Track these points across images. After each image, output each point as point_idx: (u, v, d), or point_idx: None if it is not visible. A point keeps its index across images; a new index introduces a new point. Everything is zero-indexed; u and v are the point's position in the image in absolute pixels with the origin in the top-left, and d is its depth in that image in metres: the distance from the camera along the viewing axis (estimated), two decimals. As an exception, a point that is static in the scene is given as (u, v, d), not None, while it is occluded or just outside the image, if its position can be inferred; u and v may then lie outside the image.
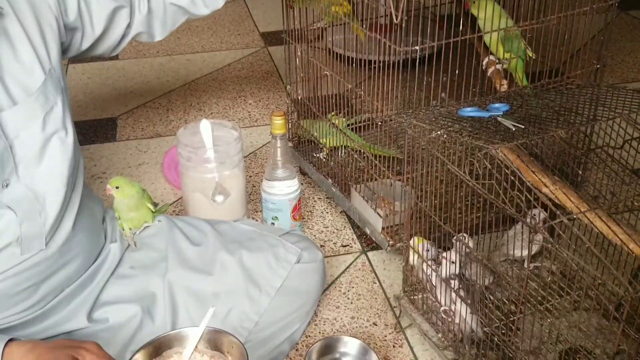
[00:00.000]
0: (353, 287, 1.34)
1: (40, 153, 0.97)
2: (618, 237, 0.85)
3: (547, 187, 0.93)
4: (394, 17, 1.16)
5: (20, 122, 0.94)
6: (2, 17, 0.94)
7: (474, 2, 1.29)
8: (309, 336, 1.21)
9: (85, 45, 1.14)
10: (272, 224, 1.40)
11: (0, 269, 0.95)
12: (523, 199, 0.88)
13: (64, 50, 1.09)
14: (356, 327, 1.24)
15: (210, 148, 1.44)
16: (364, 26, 1.35)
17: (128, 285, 1.11)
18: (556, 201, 0.91)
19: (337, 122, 1.53)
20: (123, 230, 1.18)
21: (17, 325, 1.00)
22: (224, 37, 2.64)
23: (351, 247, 1.46)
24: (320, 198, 1.63)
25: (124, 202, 1.18)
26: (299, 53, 1.57)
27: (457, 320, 1.10)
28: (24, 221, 0.95)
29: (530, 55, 1.29)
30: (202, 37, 2.64)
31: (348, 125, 1.59)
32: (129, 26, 1.20)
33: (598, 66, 1.35)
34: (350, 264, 1.41)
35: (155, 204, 1.23)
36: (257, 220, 1.51)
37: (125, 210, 1.18)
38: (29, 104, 0.95)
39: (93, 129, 1.95)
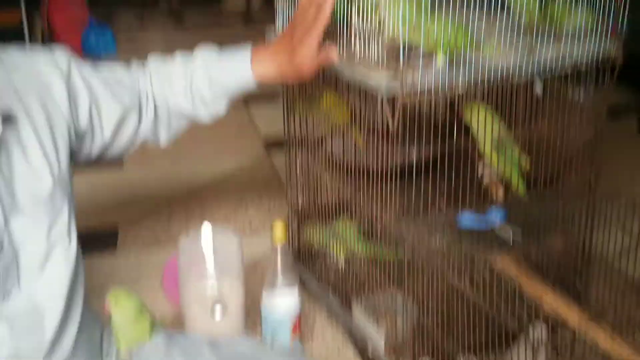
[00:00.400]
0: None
1: (44, 262, 0.97)
2: (623, 355, 0.82)
3: (548, 299, 0.92)
4: (390, 124, 1.19)
5: (27, 231, 0.94)
6: (15, 122, 0.95)
7: (467, 110, 1.32)
8: None
9: (95, 151, 1.15)
10: (271, 338, 1.37)
11: None
12: (524, 312, 0.87)
13: (72, 156, 1.10)
14: None
15: (210, 259, 1.43)
16: (362, 133, 1.38)
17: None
18: (558, 314, 0.89)
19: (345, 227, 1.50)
20: (118, 348, 1.15)
21: None
22: (227, 143, 2.69)
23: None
24: (320, 312, 1.60)
25: (122, 317, 1.15)
26: (299, 159, 1.59)
27: None
28: (21, 337, 0.93)
29: (525, 164, 1.30)
30: (205, 144, 2.69)
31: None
32: (136, 132, 1.22)
33: (592, 175, 1.36)
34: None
35: (153, 320, 1.21)
36: (256, 335, 1.47)
37: (123, 325, 1.15)
38: (36, 212, 0.95)
39: (93, 239, 1.95)
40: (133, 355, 1.16)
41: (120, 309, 1.16)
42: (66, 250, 1.00)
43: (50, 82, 1.02)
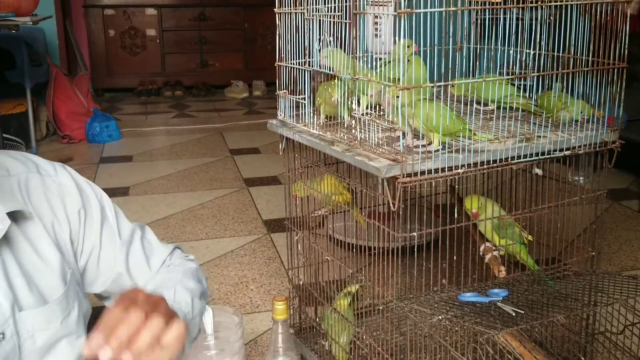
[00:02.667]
0: None
1: (47, 353, 0.96)
2: None
3: (552, 374, 0.92)
4: (391, 205, 1.22)
5: (38, 324, 0.94)
6: (26, 220, 0.96)
7: (467, 200, 1.36)
8: None
9: (91, 290, 1.10)
10: (273, 414, 1.35)
11: None
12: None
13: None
14: None
15: (210, 335, 1.43)
16: (364, 213, 1.41)
17: None
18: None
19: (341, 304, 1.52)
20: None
21: None
22: (227, 224, 2.72)
23: None
24: (322, 388, 1.58)
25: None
26: (300, 239, 1.61)
27: None
28: None
29: (528, 239, 1.34)
30: (207, 225, 2.72)
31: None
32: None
33: (593, 254, 1.39)
34: None
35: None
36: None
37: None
38: (51, 308, 0.96)
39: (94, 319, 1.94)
40: None
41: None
42: (71, 345, 1.00)
43: (68, 205, 1.01)
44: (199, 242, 2.54)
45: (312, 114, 1.48)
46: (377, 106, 1.43)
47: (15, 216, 0.94)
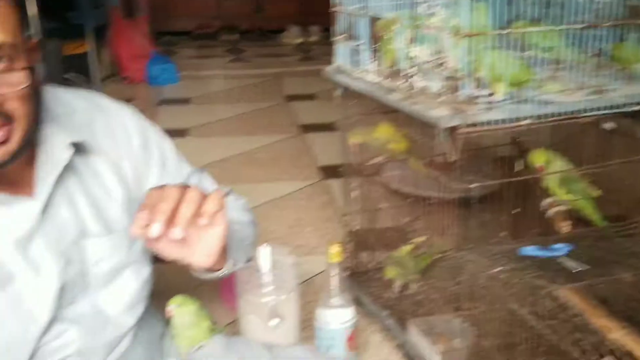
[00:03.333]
0: None
1: (112, 279, 1.01)
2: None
3: (614, 331, 0.91)
4: (449, 155, 1.20)
5: (103, 252, 0.99)
6: (91, 153, 0.99)
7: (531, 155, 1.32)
8: None
9: None
10: (326, 352, 1.39)
11: None
12: (588, 342, 0.87)
13: None
14: None
15: (267, 272, 1.47)
16: (421, 163, 1.40)
17: (181, 402, 1.10)
18: (624, 347, 0.89)
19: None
20: (179, 348, 1.19)
21: None
22: (284, 168, 2.75)
23: (406, 383, 1.42)
24: (375, 330, 1.61)
25: (183, 319, 1.19)
26: (355, 186, 1.62)
27: None
28: (86, 336, 0.98)
29: (594, 194, 1.30)
30: (265, 168, 2.75)
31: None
32: None
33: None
34: (405, 401, 1.37)
35: (213, 323, 1.24)
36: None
37: (184, 327, 1.19)
38: (116, 238, 1.00)
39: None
40: (192, 355, 1.19)
41: (182, 311, 1.19)
42: (138, 270, 1.05)
43: (132, 142, 1.04)
44: (255, 185, 2.58)
45: (369, 61, 1.46)
46: (439, 53, 1.39)
47: (80, 149, 0.97)
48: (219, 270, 0.99)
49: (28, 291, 0.91)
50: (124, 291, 1.03)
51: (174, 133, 3.33)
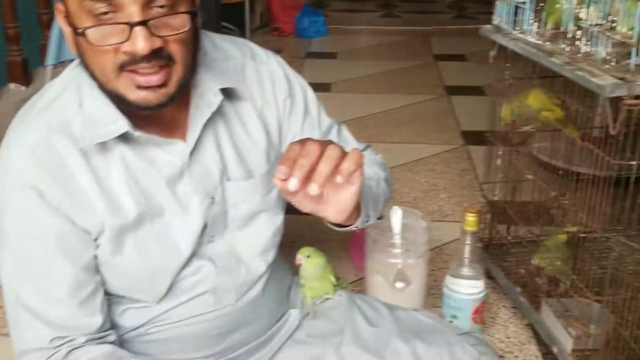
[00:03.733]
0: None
1: (248, 222, 1.04)
2: None
3: None
4: (610, 128, 1.11)
5: (242, 195, 1.02)
6: (238, 99, 1.02)
7: None
8: None
9: None
10: (451, 321, 1.36)
11: (194, 313, 1.02)
12: None
13: None
14: None
15: (397, 234, 1.45)
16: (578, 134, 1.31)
17: (302, 351, 1.12)
18: None
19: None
20: (305, 297, 1.21)
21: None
22: (423, 131, 2.69)
23: (533, 364, 1.36)
24: (505, 306, 1.55)
25: (311, 271, 1.21)
26: (500, 155, 1.55)
27: None
28: (221, 275, 1.02)
29: None
30: (403, 129, 2.71)
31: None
32: None
33: None
34: (532, 383, 1.31)
35: (337, 278, 1.25)
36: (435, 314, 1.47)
37: (310, 279, 1.21)
38: (254, 183, 1.03)
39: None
40: (316, 306, 1.21)
41: (310, 263, 1.21)
42: (272, 217, 1.08)
43: (278, 89, 1.06)
44: (393, 145, 2.55)
45: (531, 21, 1.37)
46: (610, 17, 1.27)
47: (229, 94, 1.00)
48: (350, 225, 1.00)
49: (174, 226, 0.96)
50: (257, 235, 1.06)
51: (317, 87, 3.31)
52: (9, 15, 2.68)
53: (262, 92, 1.05)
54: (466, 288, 1.34)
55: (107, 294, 0.99)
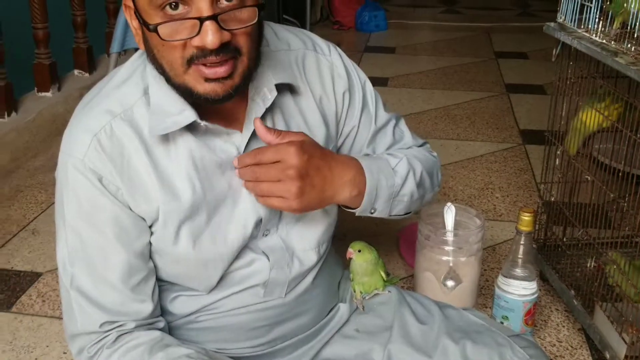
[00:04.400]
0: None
1: (303, 215, 1.04)
2: None
3: None
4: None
5: None
6: (297, 93, 1.02)
7: None
8: None
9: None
10: (501, 322, 1.34)
11: (244, 303, 1.03)
12: None
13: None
14: None
15: (450, 231, 1.44)
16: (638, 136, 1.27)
17: (350, 346, 1.13)
18: None
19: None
20: (354, 292, 1.22)
21: (247, 357, 1.07)
22: (480, 128, 2.66)
23: (584, 369, 1.34)
24: (557, 309, 1.52)
25: (361, 265, 1.21)
26: (560, 154, 1.51)
27: None
28: (273, 268, 1.03)
29: None
30: (460, 125, 2.68)
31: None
32: None
33: None
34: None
35: (387, 274, 1.25)
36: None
37: (360, 273, 1.21)
38: None
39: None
40: (366, 301, 1.22)
41: (361, 257, 1.21)
42: (327, 210, 1.08)
43: (338, 86, 1.06)
44: (449, 141, 2.52)
45: (596, 20, 1.33)
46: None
47: (289, 87, 1.01)
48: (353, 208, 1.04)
49: (229, 217, 0.98)
50: (312, 228, 1.07)
51: (375, 81, 3.28)
52: (77, 2, 2.75)
53: (322, 84, 1.05)
54: (518, 289, 1.32)
55: (159, 280, 1.00)
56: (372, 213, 1.06)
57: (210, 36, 0.81)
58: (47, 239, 1.82)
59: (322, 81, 1.05)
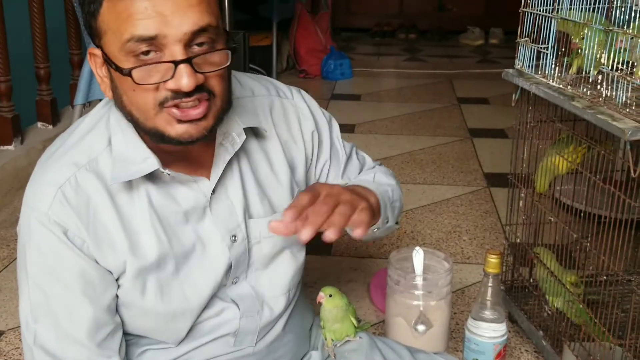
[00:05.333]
0: None
1: (271, 260, 1.05)
2: None
3: None
4: (631, 171, 1.11)
5: (265, 232, 1.02)
6: (263, 137, 1.04)
7: None
8: None
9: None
10: (473, 365, 1.34)
11: (214, 354, 1.02)
12: None
13: None
14: None
15: (420, 275, 1.45)
16: (598, 178, 1.30)
17: (322, 394, 1.12)
18: None
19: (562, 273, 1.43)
20: (325, 340, 1.21)
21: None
22: (446, 172, 2.70)
23: (555, 411, 1.34)
24: (527, 350, 1.53)
25: (331, 311, 1.21)
26: (523, 197, 1.55)
27: None
28: (243, 316, 1.02)
29: None
30: (425, 170, 2.72)
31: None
32: None
33: None
34: None
35: (359, 320, 1.25)
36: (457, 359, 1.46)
37: (331, 320, 1.21)
38: (278, 218, 1.03)
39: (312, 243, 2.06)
40: (337, 349, 1.21)
41: (332, 302, 1.21)
42: (294, 256, 1.08)
43: (305, 127, 1.09)
44: (416, 185, 2.55)
45: (553, 66, 1.38)
46: (630, 63, 1.29)
47: (255, 132, 1.02)
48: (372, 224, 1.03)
49: (197, 267, 0.97)
50: (281, 273, 1.06)
51: (342, 128, 3.32)
52: (41, 55, 2.73)
53: (289, 128, 1.07)
54: (488, 331, 1.33)
55: (126, 334, 0.98)
56: (386, 223, 1.07)
57: (185, 79, 0.82)
58: (10, 296, 1.77)
59: (288, 125, 1.07)
